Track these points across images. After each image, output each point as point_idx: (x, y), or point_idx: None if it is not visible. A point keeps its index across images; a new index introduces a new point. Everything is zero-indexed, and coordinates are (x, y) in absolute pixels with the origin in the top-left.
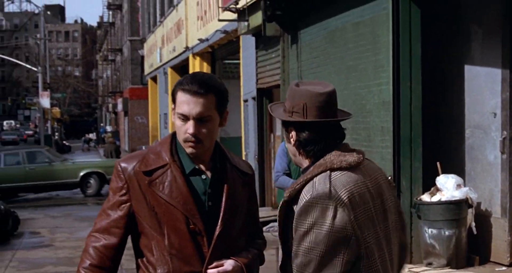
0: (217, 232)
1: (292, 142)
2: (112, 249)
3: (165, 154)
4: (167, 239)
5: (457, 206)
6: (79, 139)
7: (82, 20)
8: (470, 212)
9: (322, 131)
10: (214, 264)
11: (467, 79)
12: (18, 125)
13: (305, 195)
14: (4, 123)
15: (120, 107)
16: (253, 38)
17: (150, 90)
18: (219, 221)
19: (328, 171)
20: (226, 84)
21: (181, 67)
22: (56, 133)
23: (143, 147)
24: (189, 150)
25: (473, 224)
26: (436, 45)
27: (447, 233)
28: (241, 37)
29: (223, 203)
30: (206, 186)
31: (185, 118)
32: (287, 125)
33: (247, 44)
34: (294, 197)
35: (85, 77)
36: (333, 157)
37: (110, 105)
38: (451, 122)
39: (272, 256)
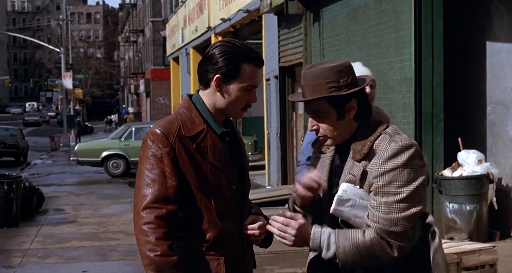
0: (247, 189)
1: (353, 114)
2: (174, 216)
3: (197, 119)
4: (213, 201)
5: (478, 181)
6: (101, 120)
7: (103, 1)
8: (491, 187)
9: (366, 96)
10: (251, 219)
11: (488, 55)
12: (40, 107)
13: (388, 144)
14: (27, 104)
15: (142, 88)
16: (275, 17)
17: (172, 71)
18: (246, 178)
19: (391, 126)
20: None
21: (203, 47)
22: (78, 115)
23: None
24: (239, 116)
25: (494, 199)
26: (458, 22)
27: (468, 208)
28: (263, 16)
29: (244, 161)
30: (231, 147)
31: (252, 88)
32: (347, 100)
33: (269, 23)
34: (367, 155)
35: (107, 59)
36: (377, 114)
37: (132, 87)
38: (472, 98)
39: None
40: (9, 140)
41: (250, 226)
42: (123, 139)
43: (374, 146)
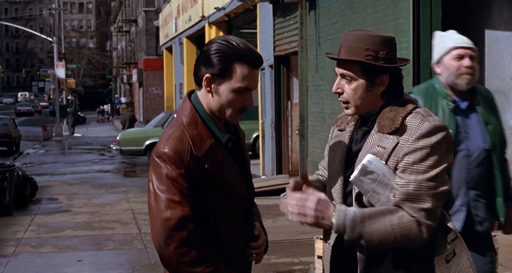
0: (253, 195)
1: (382, 89)
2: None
3: (204, 132)
4: (226, 214)
5: None
6: (93, 110)
7: None
8: None
9: (401, 76)
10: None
11: (487, 44)
12: (32, 97)
13: (422, 123)
14: (19, 94)
15: (134, 78)
16: (270, 6)
17: (165, 61)
18: (251, 184)
19: (422, 107)
20: None
21: (197, 37)
22: (71, 105)
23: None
24: (235, 120)
25: None
26: (456, 9)
27: None
28: (258, 5)
29: (247, 163)
30: (234, 153)
31: (244, 91)
32: (380, 73)
33: (264, 12)
34: (397, 130)
35: (100, 49)
36: (408, 97)
37: (125, 77)
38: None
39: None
40: (1, 129)
41: (254, 245)
42: (165, 127)
43: (406, 122)
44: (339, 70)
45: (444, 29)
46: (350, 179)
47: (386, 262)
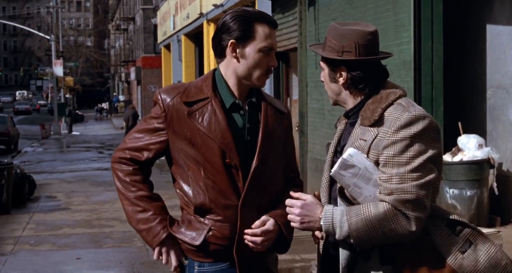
0: (253, 167)
1: (342, 81)
2: (140, 163)
3: (206, 88)
4: (203, 170)
5: (479, 166)
6: (91, 109)
7: None
8: (492, 173)
9: (373, 69)
10: (257, 223)
11: (489, 39)
12: (30, 95)
13: (401, 114)
14: (17, 93)
15: (133, 76)
16: (269, 2)
17: (164, 58)
18: (256, 156)
19: (406, 98)
20: None
21: (195, 34)
22: (69, 103)
23: None
24: (262, 83)
25: (495, 184)
26: (457, 4)
27: (468, 193)
28: (256, 1)
29: (259, 138)
30: (245, 121)
31: (269, 51)
32: (337, 65)
33: (263, 8)
34: (376, 122)
35: (98, 47)
36: (392, 88)
37: (123, 75)
38: (472, 82)
39: None
40: (0, 128)
41: (251, 231)
42: None
43: (386, 114)
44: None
45: (445, 24)
46: (330, 173)
47: (372, 257)
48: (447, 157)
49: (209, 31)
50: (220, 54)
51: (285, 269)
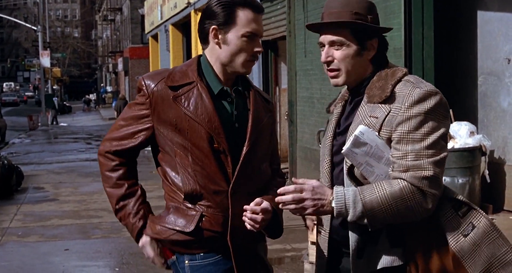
0: (244, 152)
1: (371, 54)
2: (124, 153)
3: (191, 72)
4: (190, 156)
5: (471, 154)
6: (79, 100)
7: None
8: (484, 160)
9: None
10: (253, 203)
11: (479, 25)
12: (17, 87)
13: (413, 89)
14: (4, 85)
15: (120, 67)
16: None
17: (151, 49)
18: (246, 141)
19: (412, 75)
20: None
21: (183, 24)
22: (57, 94)
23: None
24: (248, 70)
25: (487, 172)
26: None
27: (460, 181)
28: None
29: (249, 124)
30: (232, 108)
31: (253, 36)
32: (371, 36)
33: None
34: (387, 99)
35: (85, 38)
36: (395, 67)
37: (110, 65)
38: (463, 69)
39: None
40: None
41: (251, 208)
42: None
43: (396, 90)
44: (328, 37)
45: (436, 11)
46: (342, 151)
47: (382, 240)
48: None
49: (196, 21)
50: (204, 40)
51: (275, 259)
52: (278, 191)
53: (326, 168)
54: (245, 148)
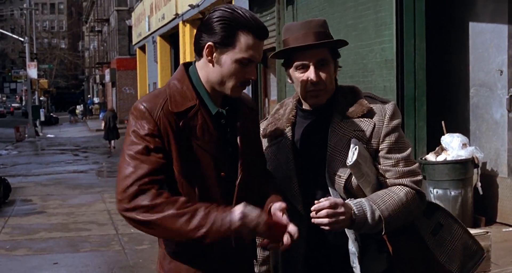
0: (238, 180)
1: (337, 72)
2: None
3: (189, 93)
4: (197, 186)
5: (463, 166)
6: (65, 111)
7: None
8: (476, 172)
9: None
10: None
11: (471, 37)
12: (4, 98)
13: (382, 104)
14: None
15: (107, 78)
16: (247, 1)
17: (139, 60)
18: (239, 168)
19: (365, 91)
20: None
21: (171, 35)
22: (43, 105)
23: None
24: (237, 94)
25: (479, 184)
26: (440, 1)
27: (453, 193)
28: (233, 1)
29: (240, 149)
30: (226, 131)
31: (248, 63)
32: (337, 57)
33: None
34: (367, 112)
35: (72, 49)
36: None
37: (98, 77)
38: (455, 80)
39: None
40: None
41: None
42: None
43: (369, 106)
44: (315, 58)
45: (427, 22)
46: (349, 164)
47: (371, 247)
48: (430, 157)
49: (184, 32)
50: (198, 52)
51: None
52: (313, 208)
53: (296, 190)
54: (239, 175)
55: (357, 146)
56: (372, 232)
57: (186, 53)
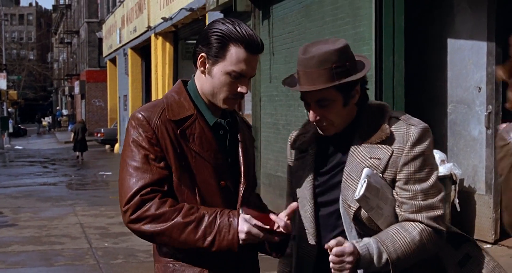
0: (241, 190)
1: (356, 99)
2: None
3: (187, 103)
4: (198, 195)
5: (441, 182)
6: (33, 123)
7: (36, 3)
8: (453, 189)
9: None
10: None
11: (450, 53)
12: None
13: (408, 128)
14: None
15: (77, 90)
16: (221, 15)
17: (109, 72)
18: (242, 178)
19: (397, 111)
20: (188, 65)
21: (142, 48)
22: (11, 117)
23: (101, 130)
24: (229, 106)
25: (457, 200)
26: (419, 17)
27: None
28: (207, 15)
29: (241, 159)
30: (225, 142)
31: (239, 76)
32: (354, 85)
33: None
34: (387, 138)
35: (41, 60)
36: (373, 101)
37: (67, 88)
38: (433, 97)
39: None
40: None
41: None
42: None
43: (392, 129)
44: (313, 99)
45: (406, 38)
46: (356, 198)
47: None
48: None
49: (157, 45)
50: (194, 63)
51: None
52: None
53: (310, 212)
54: (241, 185)
55: (366, 179)
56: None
57: (158, 66)
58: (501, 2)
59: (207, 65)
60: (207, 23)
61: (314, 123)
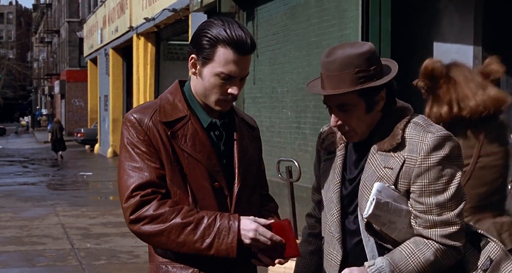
0: (235, 191)
1: (381, 105)
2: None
3: (181, 104)
4: (191, 196)
5: None
6: (12, 122)
7: (16, 1)
8: None
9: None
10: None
11: (436, 56)
12: None
13: (425, 135)
14: None
15: (57, 89)
16: (205, 16)
17: (90, 72)
18: (236, 179)
19: (420, 115)
20: (170, 66)
21: (123, 48)
22: None
23: (82, 130)
24: (223, 108)
25: None
26: (406, 20)
27: None
28: (190, 16)
29: (235, 160)
30: (220, 142)
31: (228, 77)
32: (379, 90)
33: (197, 23)
34: (398, 146)
35: (20, 60)
36: (401, 103)
37: (46, 88)
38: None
39: None
40: None
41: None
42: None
43: (406, 135)
44: (333, 103)
45: (393, 41)
46: (364, 217)
47: None
48: None
49: (138, 45)
50: (189, 64)
51: None
52: None
53: (337, 217)
54: (236, 186)
55: (374, 197)
56: None
57: (139, 66)
58: (488, 5)
59: (198, 67)
60: (190, 24)
61: (335, 128)
